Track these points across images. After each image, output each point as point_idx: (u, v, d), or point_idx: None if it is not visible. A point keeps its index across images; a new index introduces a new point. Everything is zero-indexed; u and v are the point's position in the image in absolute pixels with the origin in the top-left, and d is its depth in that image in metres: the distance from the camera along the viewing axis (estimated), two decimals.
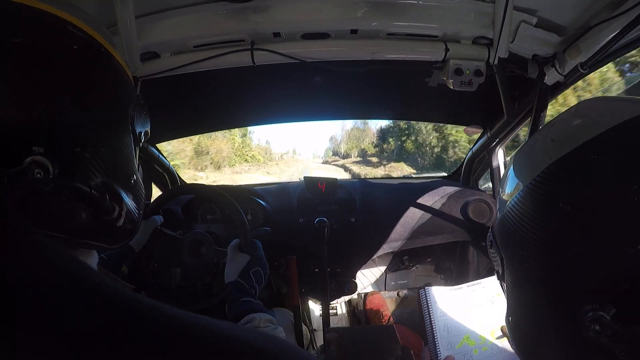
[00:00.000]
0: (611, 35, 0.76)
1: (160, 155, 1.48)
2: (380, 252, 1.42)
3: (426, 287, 0.87)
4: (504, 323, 0.81)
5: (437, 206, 1.41)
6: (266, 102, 1.40)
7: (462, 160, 1.66)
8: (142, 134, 0.43)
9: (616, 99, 0.35)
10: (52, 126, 0.31)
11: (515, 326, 0.38)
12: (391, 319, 1.53)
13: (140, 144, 0.43)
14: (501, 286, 0.41)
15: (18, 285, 0.19)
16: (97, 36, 0.35)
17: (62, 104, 0.31)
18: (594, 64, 0.86)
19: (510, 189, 0.37)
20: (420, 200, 1.41)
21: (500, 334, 0.81)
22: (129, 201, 0.37)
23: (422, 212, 1.40)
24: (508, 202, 0.36)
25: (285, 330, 1.29)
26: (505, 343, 0.80)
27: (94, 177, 0.33)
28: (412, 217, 1.39)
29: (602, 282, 0.28)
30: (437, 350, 0.80)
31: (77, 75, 0.33)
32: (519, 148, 0.39)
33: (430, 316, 0.84)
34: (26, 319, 0.18)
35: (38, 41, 0.31)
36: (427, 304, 0.85)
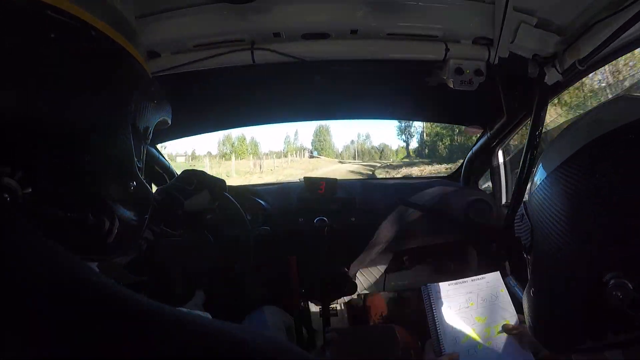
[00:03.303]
0: (611, 35, 0.76)
1: (160, 155, 1.48)
2: (380, 252, 1.42)
3: (429, 284, 0.86)
4: (508, 318, 0.81)
5: (437, 206, 1.41)
6: (266, 102, 1.40)
7: (462, 160, 1.66)
8: (151, 129, 0.36)
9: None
10: (24, 135, 0.25)
11: (538, 297, 0.41)
12: (391, 319, 1.53)
13: (148, 140, 0.36)
14: (526, 260, 0.44)
15: (19, 284, 0.19)
16: (89, 17, 0.28)
17: (34, 106, 0.26)
18: (594, 63, 0.86)
19: (545, 165, 0.40)
20: (420, 200, 1.41)
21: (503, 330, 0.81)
22: (124, 212, 0.32)
23: (422, 212, 1.40)
24: (542, 178, 0.39)
25: (279, 329, 1.28)
26: (510, 338, 0.80)
27: (74, 194, 0.28)
28: (412, 217, 1.39)
29: (629, 252, 0.30)
30: (441, 345, 0.80)
31: (52, 68, 0.27)
32: (560, 133, 0.42)
33: (433, 312, 0.83)
34: (26, 318, 0.18)
35: (6, 31, 0.25)
36: (430, 300, 0.85)
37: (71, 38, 0.28)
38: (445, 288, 0.86)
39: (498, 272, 0.88)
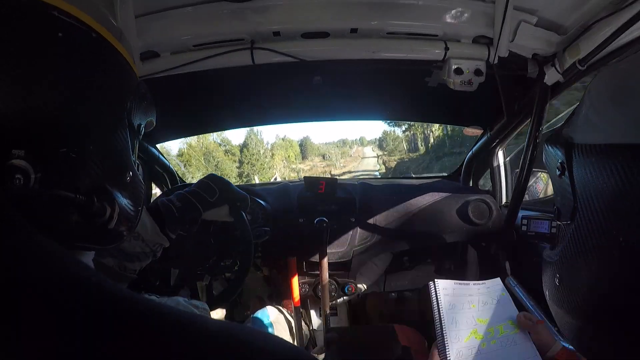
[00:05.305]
0: (611, 34, 0.76)
1: (160, 155, 1.48)
2: (380, 252, 1.42)
3: (436, 280, 0.86)
4: (510, 318, 0.81)
5: (437, 206, 1.40)
6: (266, 103, 1.40)
7: (462, 160, 1.66)
8: (143, 125, 0.40)
9: None
10: (34, 124, 0.27)
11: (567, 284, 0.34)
12: (391, 319, 1.53)
13: (140, 136, 0.40)
14: (560, 228, 0.36)
15: (17, 284, 0.19)
16: (89, 20, 0.31)
17: (45, 99, 0.28)
18: (594, 63, 0.86)
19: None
20: (420, 201, 1.41)
21: (511, 327, 0.79)
22: (123, 200, 0.35)
23: (422, 212, 1.40)
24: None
25: (283, 330, 1.29)
26: (515, 336, 0.79)
27: (81, 179, 0.31)
28: (412, 217, 1.39)
29: None
30: (445, 342, 0.79)
31: (62, 66, 0.29)
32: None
33: (439, 309, 0.82)
34: (25, 318, 0.18)
35: (17, 28, 0.26)
36: (437, 296, 0.84)
37: (77, 39, 0.30)
38: (451, 286, 0.86)
39: (498, 278, 0.88)
